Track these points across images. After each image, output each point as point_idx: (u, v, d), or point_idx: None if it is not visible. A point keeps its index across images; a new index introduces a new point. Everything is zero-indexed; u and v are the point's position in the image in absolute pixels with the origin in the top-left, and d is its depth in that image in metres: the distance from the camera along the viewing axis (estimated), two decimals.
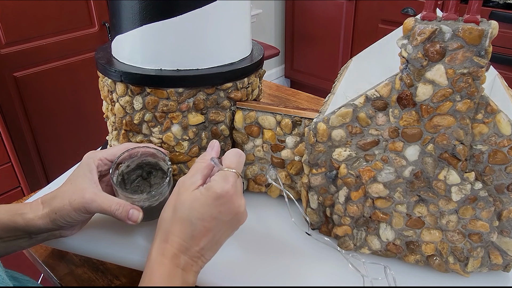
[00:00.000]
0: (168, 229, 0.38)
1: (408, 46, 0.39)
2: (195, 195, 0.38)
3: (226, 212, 0.38)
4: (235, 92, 0.53)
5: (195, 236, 0.37)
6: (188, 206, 0.38)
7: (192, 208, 0.37)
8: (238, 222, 0.40)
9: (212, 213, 0.37)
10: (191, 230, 0.37)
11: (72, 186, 0.45)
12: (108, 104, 0.56)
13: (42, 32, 1.35)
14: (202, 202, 0.37)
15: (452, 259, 0.46)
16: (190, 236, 0.37)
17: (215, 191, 0.37)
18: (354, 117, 0.44)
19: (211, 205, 0.37)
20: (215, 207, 0.37)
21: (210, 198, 0.37)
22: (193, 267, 0.38)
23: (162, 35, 0.49)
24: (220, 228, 0.38)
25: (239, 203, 0.38)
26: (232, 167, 0.40)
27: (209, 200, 0.37)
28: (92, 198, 0.44)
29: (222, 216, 0.38)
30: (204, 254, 0.38)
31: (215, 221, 0.38)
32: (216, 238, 0.39)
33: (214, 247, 0.39)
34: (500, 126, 0.40)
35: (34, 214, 0.44)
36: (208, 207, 0.37)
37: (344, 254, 0.48)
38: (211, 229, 0.38)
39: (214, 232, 0.38)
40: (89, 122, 1.55)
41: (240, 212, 0.39)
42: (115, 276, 0.55)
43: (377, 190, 0.45)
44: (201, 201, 0.37)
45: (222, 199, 0.37)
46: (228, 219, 0.38)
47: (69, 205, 0.44)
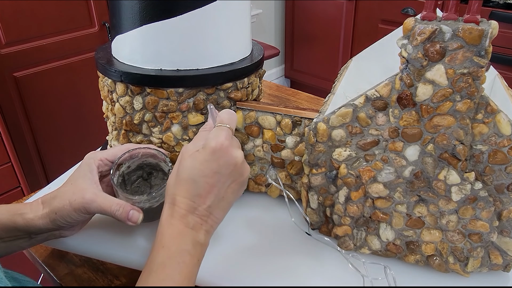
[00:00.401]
0: (173, 192, 0.39)
1: (408, 46, 0.39)
2: (194, 155, 0.39)
3: (225, 165, 0.39)
4: (235, 92, 0.53)
5: (200, 194, 0.38)
6: (189, 167, 0.39)
7: (193, 167, 0.38)
8: (240, 176, 0.40)
9: (213, 167, 0.38)
10: (195, 188, 0.38)
11: (72, 186, 0.45)
12: (108, 104, 0.56)
13: (42, 32, 1.35)
14: (201, 159, 0.38)
15: (452, 259, 0.46)
16: (195, 194, 0.38)
17: (211, 145, 0.38)
18: (354, 117, 0.44)
19: (210, 160, 0.38)
20: (213, 161, 0.38)
21: (207, 154, 0.38)
22: (202, 226, 0.39)
23: (162, 35, 0.49)
24: (224, 182, 0.39)
25: (235, 154, 0.39)
26: (224, 122, 0.41)
27: (207, 156, 0.38)
28: (92, 198, 0.44)
29: (222, 170, 0.39)
30: (212, 211, 0.39)
31: (217, 175, 0.38)
32: (221, 194, 0.39)
33: (222, 203, 0.40)
34: (500, 126, 0.40)
35: (34, 214, 0.44)
36: (207, 163, 0.38)
37: (344, 254, 0.48)
38: (215, 184, 0.39)
39: (218, 187, 0.39)
40: (89, 122, 1.55)
41: (239, 163, 0.39)
42: (115, 276, 0.55)
43: (377, 190, 0.45)
44: (199, 159, 0.38)
45: (219, 152, 0.38)
46: (228, 172, 0.39)
47: (69, 205, 0.44)
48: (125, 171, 0.50)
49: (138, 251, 0.50)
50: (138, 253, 0.50)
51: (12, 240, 0.45)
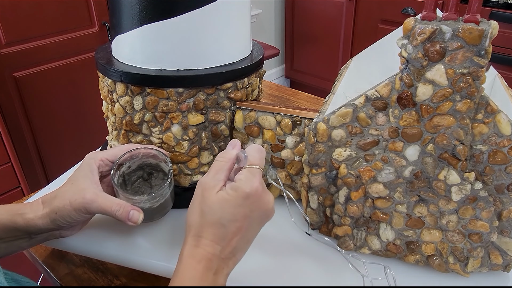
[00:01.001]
0: (198, 233, 0.37)
1: (408, 46, 0.39)
2: (223, 196, 0.37)
3: (257, 210, 0.37)
4: (235, 92, 0.53)
5: (227, 238, 0.37)
6: (218, 209, 0.37)
7: (222, 210, 0.37)
8: (267, 218, 0.39)
9: (244, 212, 0.37)
10: (224, 232, 0.37)
11: (72, 186, 0.45)
12: (108, 104, 0.56)
13: (42, 32, 1.35)
14: (232, 203, 0.37)
15: (452, 259, 0.46)
16: (223, 238, 0.37)
17: (244, 190, 0.37)
18: (354, 117, 0.44)
19: (242, 205, 0.37)
20: (246, 207, 0.37)
21: (240, 198, 0.37)
22: (224, 270, 0.37)
23: (162, 35, 0.49)
24: (252, 225, 0.38)
25: (268, 199, 0.38)
26: (255, 163, 0.39)
27: (239, 201, 0.37)
28: (93, 198, 0.44)
29: (253, 214, 0.37)
30: (235, 254, 0.38)
31: (247, 220, 0.37)
32: (247, 237, 0.38)
33: (246, 245, 0.39)
34: (500, 126, 0.40)
35: (34, 214, 0.44)
36: (240, 208, 0.37)
37: (344, 254, 0.48)
38: (243, 228, 0.37)
39: (246, 231, 0.38)
40: (89, 122, 1.55)
41: (270, 208, 0.38)
42: (115, 276, 0.55)
43: (377, 190, 0.45)
44: (230, 203, 0.37)
45: (252, 198, 0.37)
46: (259, 217, 0.38)
47: (70, 205, 0.44)
48: (126, 171, 0.50)
49: (138, 251, 0.50)
50: (138, 253, 0.50)
51: (12, 240, 0.45)
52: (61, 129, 1.50)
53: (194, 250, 0.37)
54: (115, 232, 0.53)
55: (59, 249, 0.57)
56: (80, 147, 1.56)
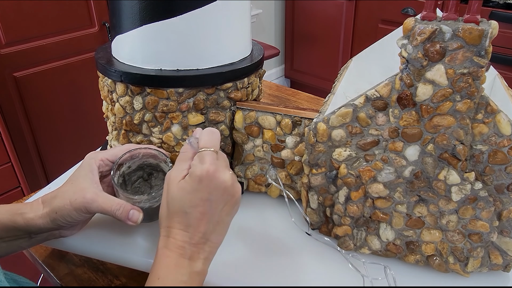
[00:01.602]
0: (167, 224, 0.39)
1: (408, 46, 0.39)
2: (181, 185, 0.38)
3: (214, 190, 0.38)
4: (235, 92, 0.53)
5: (193, 224, 0.38)
6: (178, 198, 0.38)
7: (182, 198, 0.38)
8: (232, 197, 0.39)
9: (202, 196, 0.37)
10: (188, 219, 0.38)
11: (73, 186, 0.45)
12: (108, 104, 0.56)
13: (42, 32, 1.35)
14: (189, 190, 0.38)
15: (452, 259, 0.46)
16: (189, 225, 0.38)
17: (196, 174, 0.37)
18: (354, 117, 0.44)
19: (198, 189, 0.37)
20: (202, 190, 0.37)
21: (194, 183, 0.37)
22: (200, 254, 0.38)
23: (162, 35, 0.49)
24: (215, 207, 0.38)
25: (223, 178, 0.38)
26: (207, 145, 0.40)
27: (194, 185, 0.37)
28: (93, 198, 0.44)
29: (212, 196, 0.38)
30: (208, 238, 0.38)
31: (207, 202, 0.38)
32: (215, 219, 0.39)
33: (218, 228, 0.39)
34: (500, 126, 0.40)
35: (34, 213, 0.44)
36: (196, 192, 0.37)
37: (344, 254, 0.48)
38: (207, 211, 0.38)
39: (211, 213, 0.38)
40: (89, 122, 1.55)
41: (228, 186, 0.38)
42: (115, 276, 0.55)
43: (377, 190, 0.45)
44: (187, 189, 0.38)
45: (206, 180, 0.37)
46: (219, 197, 0.38)
47: (70, 204, 0.44)
48: (126, 171, 0.50)
49: (138, 251, 0.50)
50: (138, 253, 0.50)
51: (12, 240, 0.45)
52: (61, 129, 1.50)
53: (166, 240, 0.38)
54: (115, 232, 0.53)
55: (59, 249, 0.57)
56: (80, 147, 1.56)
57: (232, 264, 0.49)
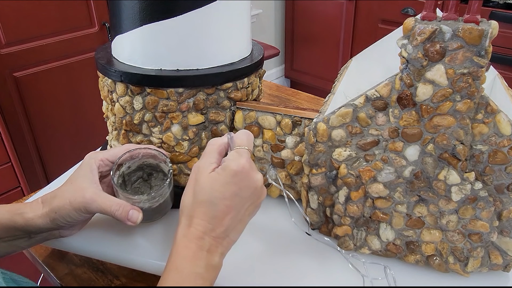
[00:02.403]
0: (190, 213, 0.38)
1: (408, 46, 0.39)
2: (213, 176, 0.38)
3: (245, 188, 0.38)
4: (235, 92, 0.53)
5: (218, 216, 0.38)
6: (208, 188, 0.38)
7: (212, 189, 0.38)
8: (258, 198, 0.40)
9: (233, 190, 0.38)
10: (214, 211, 0.37)
11: (72, 186, 0.45)
12: (108, 104, 0.56)
13: (42, 32, 1.35)
14: (221, 182, 0.38)
15: (452, 259, 0.46)
16: (213, 217, 0.37)
17: (232, 168, 0.38)
18: (354, 117, 0.44)
19: (230, 183, 0.37)
20: (234, 184, 0.38)
21: (228, 176, 0.38)
22: (218, 248, 0.38)
23: (162, 35, 0.49)
24: (243, 204, 0.38)
25: (256, 177, 0.39)
26: (243, 144, 0.40)
27: (227, 178, 0.38)
28: (93, 198, 0.44)
29: (242, 192, 0.38)
30: (229, 234, 0.39)
31: (237, 198, 0.38)
32: (239, 216, 0.39)
33: (238, 226, 0.39)
34: (500, 126, 0.40)
35: (34, 213, 0.44)
36: (228, 185, 0.37)
37: (344, 254, 0.48)
38: (234, 206, 0.38)
39: (237, 209, 0.38)
40: (89, 122, 1.55)
41: (259, 186, 0.39)
42: (115, 276, 0.55)
43: (377, 190, 0.45)
44: (220, 181, 0.38)
45: (240, 175, 0.38)
46: (248, 195, 0.38)
47: (69, 204, 0.44)
48: (125, 172, 0.50)
49: (138, 251, 0.50)
50: (138, 253, 0.50)
51: (12, 240, 0.45)
52: (61, 129, 1.50)
53: (186, 229, 0.38)
54: (115, 232, 0.53)
55: (59, 249, 0.57)
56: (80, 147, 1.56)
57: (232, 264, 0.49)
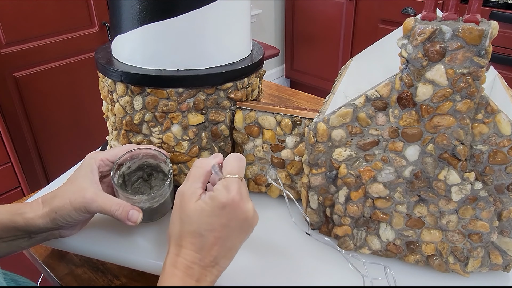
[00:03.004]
0: (178, 243, 0.38)
1: (408, 46, 0.39)
2: (200, 206, 0.37)
3: (235, 219, 0.37)
4: (235, 92, 0.53)
5: (206, 247, 0.37)
6: (195, 219, 0.37)
7: (200, 220, 0.37)
8: (249, 227, 0.39)
9: (222, 222, 0.37)
10: (202, 242, 0.37)
11: (72, 186, 0.45)
12: (108, 104, 0.56)
13: (42, 32, 1.35)
14: (209, 213, 0.37)
15: (452, 259, 0.46)
16: (202, 248, 0.37)
17: (220, 200, 0.37)
18: (354, 117, 0.44)
19: (219, 215, 0.37)
20: (223, 217, 0.37)
21: (216, 208, 0.37)
22: (207, 277, 0.37)
23: (162, 35, 0.49)
24: (232, 234, 0.38)
25: (246, 208, 0.38)
26: (234, 172, 0.39)
27: (215, 211, 0.37)
28: (93, 198, 0.44)
29: (231, 223, 0.37)
30: (218, 262, 0.38)
31: (226, 229, 0.37)
32: (228, 245, 0.38)
33: (228, 254, 0.38)
34: (500, 126, 0.40)
35: (34, 213, 0.44)
36: (216, 218, 0.37)
37: (344, 254, 0.48)
38: (222, 237, 0.37)
39: (226, 239, 0.37)
40: (89, 122, 1.55)
41: (249, 217, 0.38)
42: (115, 276, 0.55)
43: (377, 190, 0.45)
44: (207, 212, 0.37)
45: (229, 208, 0.37)
46: (238, 225, 0.38)
47: (70, 204, 0.44)
48: (126, 172, 0.50)
49: (138, 251, 0.50)
50: (138, 253, 0.50)
51: (12, 240, 0.45)
52: (61, 129, 1.50)
53: (175, 258, 0.37)
54: (115, 232, 0.53)
55: (59, 249, 0.57)
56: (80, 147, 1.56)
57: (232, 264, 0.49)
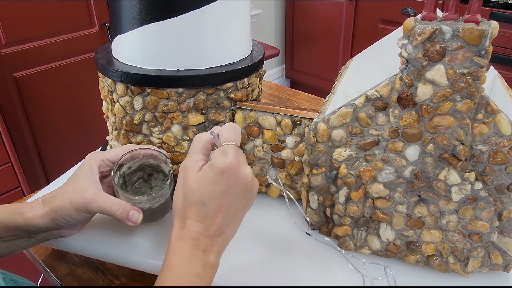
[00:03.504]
0: (183, 215, 0.38)
1: (408, 46, 0.39)
2: (201, 175, 0.38)
3: (235, 184, 0.38)
4: (235, 92, 0.53)
5: (210, 215, 0.37)
6: (197, 189, 0.38)
7: (201, 189, 0.37)
8: (250, 192, 0.39)
9: (222, 188, 0.37)
10: (205, 210, 0.37)
11: (73, 186, 0.45)
12: (108, 104, 0.57)
13: (42, 32, 1.35)
14: (209, 180, 0.37)
15: (452, 259, 0.46)
16: (205, 216, 0.37)
17: (218, 166, 0.37)
18: (354, 117, 0.44)
19: (218, 181, 0.37)
20: (222, 182, 0.37)
21: (215, 175, 0.37)
22: (213, 247, 0.38)
23: (162, 35, 0.49)
24: (234, 201, 0.38)
25: (245, 172, 0.38)
26: (230, 139, 0.40)
27: (215, 177, 0.37)
28: (93, 198, 0.44)
29: (232, 189, 0.38)
30: (223, 231, 0.38)
31: (227, 195, 0.38)
32: (232, 212, 0.38)
33: (233, 222, 0.39)
34: (500, 126, 0.40)
35: (34, 213, 0.44)
36: (216, 184, 0.37)
37: (344, 254, 0.48)
38: (225, 204, 0.38)
39: (228, 206, 0.38)
40: (89, 122, 1.55)
41: (248, 181, 0.39)
42: (115, 276, 0.55)
43: (377, 190, 0.45)
44: (207, 180, 0.37)
45: (228, 173, 0.37)
46: (238, 191, 0.38)
47: (70, 204, 0.44)
48: (126, 172, 0.50)
49: (138, 251, 0.50)
50: (138, 253, 0.50)
51: (12, 239, 0.45)
52: (61, 129, 1.50)
53: (180, 231, 0.38)
54: (115, 232, 0.53)
55: (59, 249, 0.57)
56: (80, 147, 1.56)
57: (232, 264, 0.49)
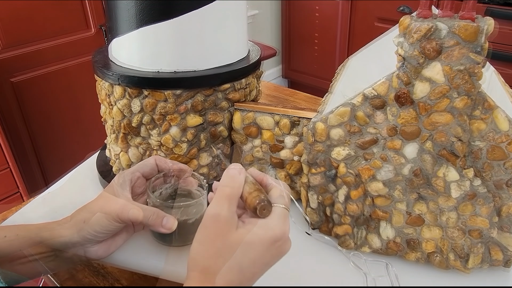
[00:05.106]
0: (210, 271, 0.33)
1: (404, 44, 0.39)
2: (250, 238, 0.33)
3: (277, 257, 0.34)
4: (233, 93, 0.53)
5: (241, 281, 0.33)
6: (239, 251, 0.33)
7: (244, 253, 0.33)
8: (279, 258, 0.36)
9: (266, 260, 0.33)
10: (239, 279, 0.33)
11: (104, 197, 0.44)
12: (106, 108, 0.56)
13: (38, 36, 1.34)
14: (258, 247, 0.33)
15: (453, 256, 0.46)
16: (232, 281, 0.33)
17: (275, 232, 0.33)
18: (352, 116, 0.44)
19: (267, 250, 0.33)
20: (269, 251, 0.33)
21: (267, 241, 0.33)
22: None
23: (159, 37, 0.49)
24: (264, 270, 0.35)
25: (289, 245, 0.35)
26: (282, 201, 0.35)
27: (265, 243, 0.33)
28: (126, 204, 0.43)
29: (273, 260, 0.34)
30: None
31: (266, 267, 0.34)
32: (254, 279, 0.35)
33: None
34: (497, 122, 0.40)
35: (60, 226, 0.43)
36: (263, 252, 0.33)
37: (345, 253, 0.48)
38: (257, 274, 0.34)
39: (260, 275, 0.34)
40: (87, 126, 1.55)
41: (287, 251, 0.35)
42: (116, 280, 0.55)
43: (376, 188, 0.45)
44: (256, 246, 0.33)
45: (280, 242, 0.33)
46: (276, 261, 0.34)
47: (101, 210, 0.42)
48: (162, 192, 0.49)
49: (139, 254, 0.50)
50: (138, 256, 0.50)
51: (38, 259, 0.44)
52: (59, 133, 1.50)
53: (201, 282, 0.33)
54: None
55: None
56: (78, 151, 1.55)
57: None
